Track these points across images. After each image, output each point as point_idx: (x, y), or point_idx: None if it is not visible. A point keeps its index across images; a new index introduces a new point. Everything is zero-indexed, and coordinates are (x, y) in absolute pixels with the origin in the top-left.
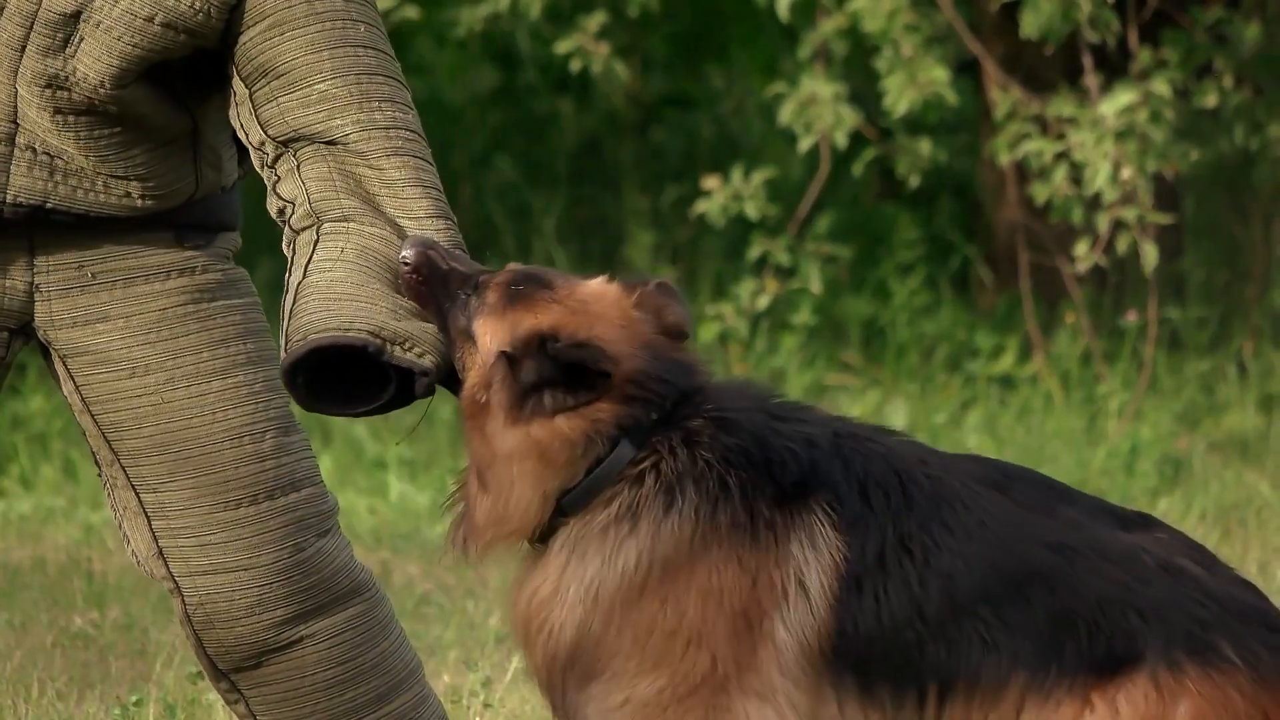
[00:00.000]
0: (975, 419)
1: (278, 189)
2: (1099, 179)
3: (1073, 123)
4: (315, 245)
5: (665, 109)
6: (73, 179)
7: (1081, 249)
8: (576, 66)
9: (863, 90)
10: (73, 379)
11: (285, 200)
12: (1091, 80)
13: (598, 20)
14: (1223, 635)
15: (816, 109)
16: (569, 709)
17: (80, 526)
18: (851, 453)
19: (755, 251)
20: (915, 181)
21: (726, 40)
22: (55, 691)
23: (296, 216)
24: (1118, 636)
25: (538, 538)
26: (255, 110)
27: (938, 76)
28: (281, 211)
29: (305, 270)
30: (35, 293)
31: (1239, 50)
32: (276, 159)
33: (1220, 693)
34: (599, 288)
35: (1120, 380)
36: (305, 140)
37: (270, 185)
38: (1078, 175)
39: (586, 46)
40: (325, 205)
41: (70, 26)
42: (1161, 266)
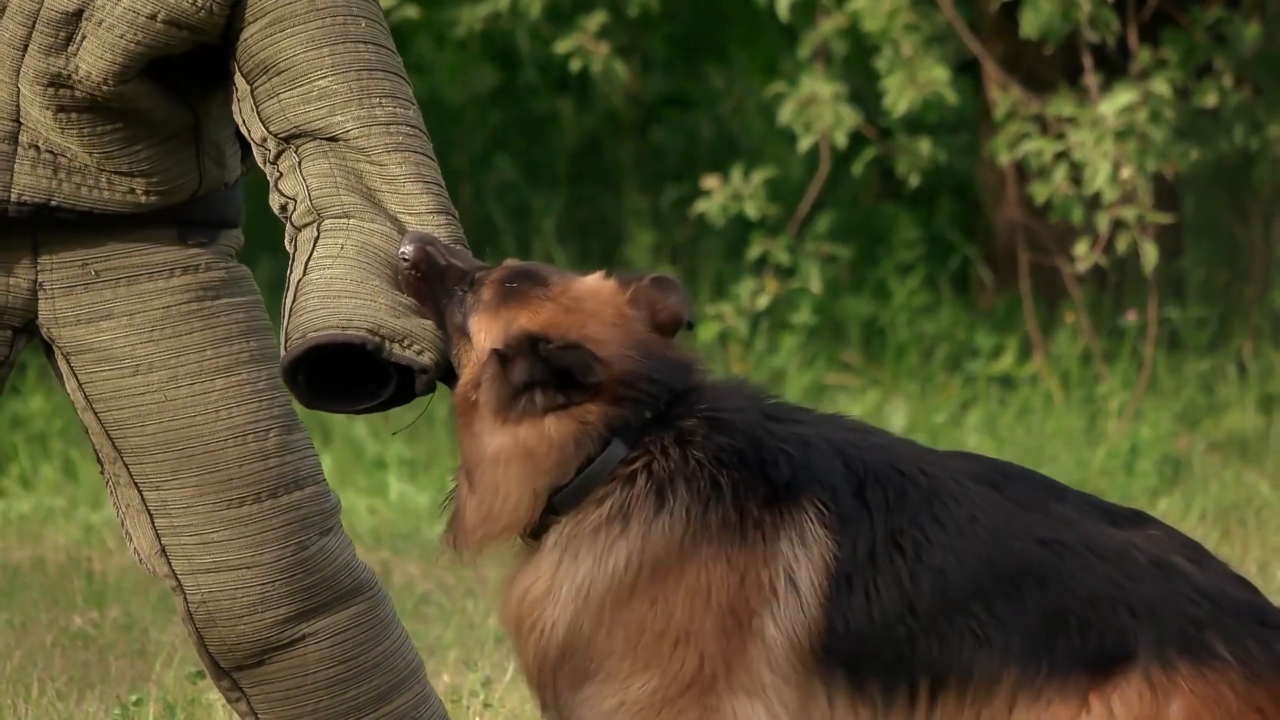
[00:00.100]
0: (975, 419)
1: (280, 185)
2: (1099, 179)
3: (1072, 122)
4: (316, 242)
5: (665, 109)
6: (76, 176)
7: (1081, 249)
8: (576, 66)
9: (863, 90)
10: (76, 377)
11: (287, 197)
12: (1091, 80)
13: (597, 20)
14: (1215, 633)
15: (816, 109)
16: (563, 710)
17: (80, 526)
18: (845, 451)
19: (755, 251)
20: (915, 181)
21: (726, 40)
22: (55, 691)
23: (298, 213)
24: (1109, 634)
25: (530, 534)
26: (257, 106)
27: (937, 76)
28: (284, 208)
29: (306, 267)
30: (39, 291)
31: (1239, 50)
32: (278, 155)
33: (1213, 690)
34: (594, 284)
35: (1120, 380)
36: (307, 136)
37: (272, 181)
38: (1077, 175)
39: (586, 46)
40: (326, 202)
41: (72, 25)
42: (1161, 266)
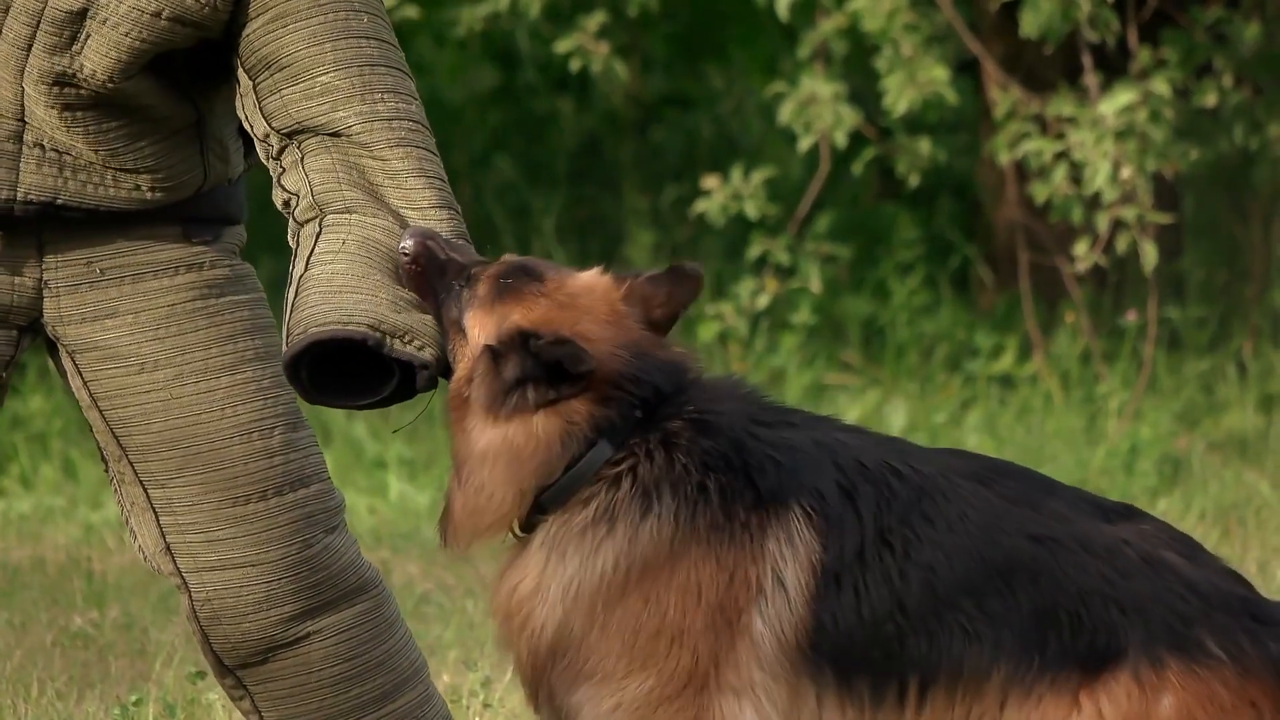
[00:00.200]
0: (975, 419)
1: (282, 181)
2: (1098, 178)
3: (1072, 122)
4: (318, 238)
5: (665, 109)
6: (82, 174)
7: (1081, 249)
8: (576, 66)
9: (862, 90)
10: (81, 375)
11: (290, 192)
12: (1091, 80)
13: (597, 20)
14: (1205, 629)
15: (816, 108)
16: (559, 711)
17: (80, 526)
18: (835, 452)
19: (755, 251)
20: (915, 181)
21: (726, 40)
22: (55, 691)
23: (300, 209)
24: (1100, 630)
25: (520, 529)
26: (259, 102)
27: (937, 76)
28: (286, 204)
29: (307, 263)
30: (44, 289)
31: (1239, 50)
32: (281, 151)
33: (1205, 687)
34: (589, 280)
35: (1120, 380)
36: (309, 132)
37: (275, 177)
38: (1077, 175)
39: (586, 46)
40: (328, 197)
41: (77, 24)
42: (1161, 266)
